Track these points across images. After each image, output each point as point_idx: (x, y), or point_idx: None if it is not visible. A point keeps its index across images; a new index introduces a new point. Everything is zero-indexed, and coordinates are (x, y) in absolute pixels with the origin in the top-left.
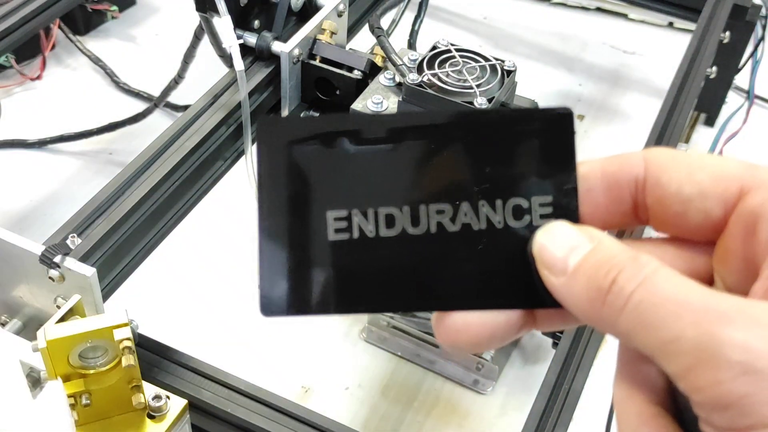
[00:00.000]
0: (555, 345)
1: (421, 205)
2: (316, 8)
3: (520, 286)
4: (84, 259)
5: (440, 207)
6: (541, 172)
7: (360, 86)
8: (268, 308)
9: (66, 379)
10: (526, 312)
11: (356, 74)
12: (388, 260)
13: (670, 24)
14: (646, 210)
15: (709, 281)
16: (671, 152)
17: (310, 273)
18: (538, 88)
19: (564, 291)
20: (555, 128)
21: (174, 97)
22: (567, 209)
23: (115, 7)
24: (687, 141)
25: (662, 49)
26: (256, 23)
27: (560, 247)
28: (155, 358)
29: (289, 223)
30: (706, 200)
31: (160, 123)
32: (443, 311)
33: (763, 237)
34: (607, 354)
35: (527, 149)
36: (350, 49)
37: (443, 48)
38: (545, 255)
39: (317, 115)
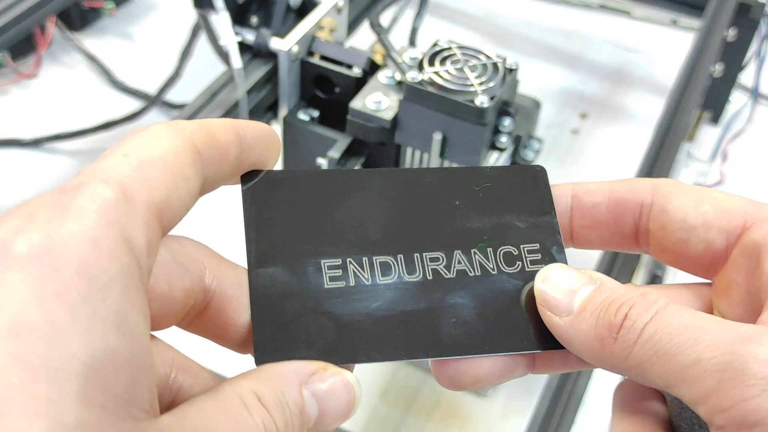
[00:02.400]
0: None
1: (415, 254)
2: (315, 5)
3: (520, 331)
4: None
5: (434, 255)
6: (525, 222)
7: (359, 84)
8: (262, 359)
9: None
10: (525, 355)
11: (356, 72)
12: (387, 308)
13: (674, 22)
14: (646, 236)
15: None
16: (680, 183)
17: (306, 322)
18: (540, 86)
19: (570, 331)
20: (532, 182)
21: (171, 95)
22: (554, 254)
23: (111, 4)
24: (691, 139)
25: (666, 47)
26: (254, 20)
27: (563, 288)
28: None
29: (281, 273)
30: (710, 231)
31: (156, 121)
32: (445, 358)
33: (766, 270)
34: None
35: (509, 202)
36: (350, 46)
37: (444, 46)
38: (548, 296)
39: (304, 170)
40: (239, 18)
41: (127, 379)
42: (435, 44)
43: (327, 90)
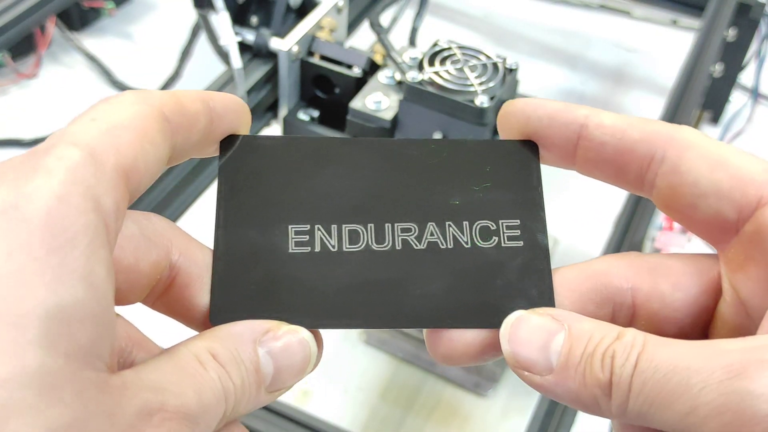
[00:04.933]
0: None
1: (386, 224)
2: (315, 5)
3: (484, 306)
4: None
5: (406, 225)
6: (508, 197)
7: (359, 84)
8: (217, 316)
9: None
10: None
11: (356, 72)
12: (351, 275)
13: (674, 22)
14: (651, 188)
15: (717, 295)
16: (700, 138)
17: (265, 285)
18: (540, 86)
19: (558, 390)
20: (521, 158)
21: None
22: (534, 231)
23: (111, 4)
24: None
25: (666, 47)
26: (254, 20)
27: (533, 345)
28: None
29: (247, 234)
30: (721, 201)
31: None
32: (408, 329)
33: None
34: None
35: (494, 176)
36: (350, 46)
37: (444, 46)
38: (520, 358)
39: (285, 136)
40: (239, 18)
41: (91, 331)
42: (435, 44)
43: (327, 90)
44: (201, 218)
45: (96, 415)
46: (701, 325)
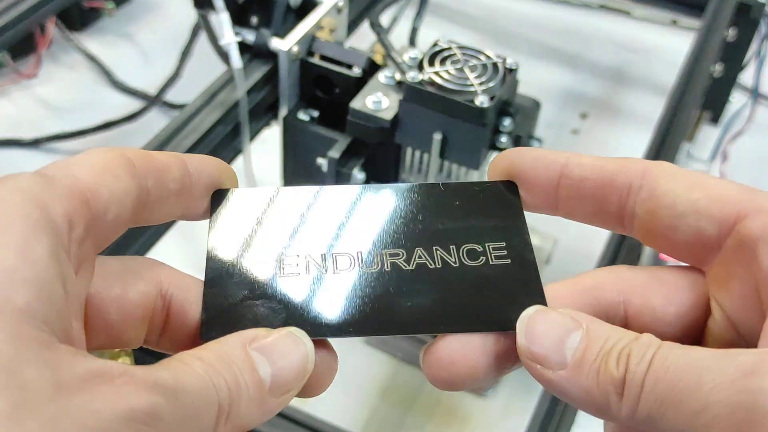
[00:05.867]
0: None
1: (375, 250)
2: (315, 5)
3: (476, 312)
4: None
5: (394, 251)
6: (493, 226)
7: (359, 84)
8: (208, 334)
9: None
10: (509, 348)
11: (356, 72)
12: (342, 291)
13: (674, 22)
14: (632, 219)
15: (707, 308)
16: (673, 168)
17: (256, 304)
18: (540, 86)
19: (568, 386)
20: (503, 194)
21: (171, 95)
22: (521, 250)
23: (111, 4)
24: (691, 139)
25: (666, 47)
26: (254, 20)
27: (549, 339)
28: (151, 362)
29: (238, 264)
30: (701, 219)
31: (156, 121)
32: (400, 335)
33: (764, 265)
34: None
35: (478, 212)
36: (350, 46)
37: (444, 46)
38: (534, 351)
39: (266, 186)
40: (239, 18)
41: (26, 294)
42: (435, 44)
43: (327, 90)
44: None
45: (31, 362)
46: (693, 339)
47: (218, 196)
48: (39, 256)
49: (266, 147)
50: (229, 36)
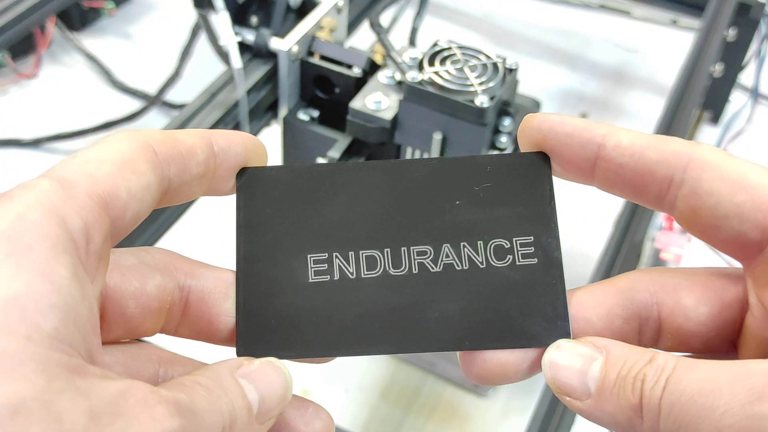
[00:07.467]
0: None
1: (402, 248)
2: (315, 5)
3: (502, 327)
4: None
5: (422, 248)
6: (521, 213)
7: (359, 84)
8: (245, 349)
9: None
10: (541, 352)
11: (356, 72)
12: (369, 302)
13: (674, 22)
14: (672, 207)
15: (742, 308)
16: (721, 158)
17: (290, 315)
18: (540, 86)
19: (597, 413)
20: (533, 170)
21: (171, 95)
22: (548, 247)
23: (111, 4)
24: (691, 139)
25: (666, 47)
26: (254, 20)
27: (574, 371)
28: None
29: (267, 267)
30: (744, 223)
31: (156, 121)
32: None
33: None
34: None
35: (506, 192)
36: (350, 46)
37: (444, 46)
38: (561, 383)
39: (298, 164)
40: (239, 18)
41: (53, 319)
42: (435, 44)
43: (327, 90)
44: (199, 219)
45: (64, 391)
46: (728, 338)
47: (244, 174)
48: (63, 279)
49: (266, 147)
50: (228, 36)
